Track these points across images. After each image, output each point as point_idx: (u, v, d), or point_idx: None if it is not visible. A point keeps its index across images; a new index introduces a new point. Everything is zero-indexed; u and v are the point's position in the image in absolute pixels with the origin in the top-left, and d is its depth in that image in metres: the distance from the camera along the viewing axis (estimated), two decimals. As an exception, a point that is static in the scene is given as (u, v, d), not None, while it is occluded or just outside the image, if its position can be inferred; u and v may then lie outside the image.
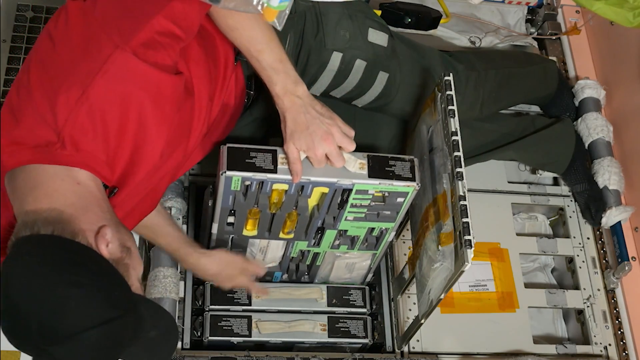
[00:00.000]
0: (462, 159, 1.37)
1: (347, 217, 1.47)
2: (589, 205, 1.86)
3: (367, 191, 1.40)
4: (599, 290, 1.82)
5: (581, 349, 1.75)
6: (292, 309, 1.63)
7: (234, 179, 1.34)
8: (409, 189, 1.41)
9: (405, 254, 1.75)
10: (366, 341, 1.63)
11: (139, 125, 1.17)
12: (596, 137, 1.93)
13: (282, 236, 1.53)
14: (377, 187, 1.39)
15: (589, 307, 1.79)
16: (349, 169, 1.37)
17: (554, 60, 2.12)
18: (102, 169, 1.15)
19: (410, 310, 1.68)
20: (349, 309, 1.66)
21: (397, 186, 1.40)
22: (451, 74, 1.44)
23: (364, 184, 1.38)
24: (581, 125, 1.95)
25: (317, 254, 1.61)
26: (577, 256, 1.86)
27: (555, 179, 1.98)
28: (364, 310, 1.67)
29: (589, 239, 1.89)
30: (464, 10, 2.16)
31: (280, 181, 1.35)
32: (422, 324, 1.50)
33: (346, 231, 1.53)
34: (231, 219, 1.47)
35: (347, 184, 1.37)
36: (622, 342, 1.77)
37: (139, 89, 1.15)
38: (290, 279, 1.69)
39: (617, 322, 1.79)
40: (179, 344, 1.56)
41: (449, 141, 1.40)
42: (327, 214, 1.46)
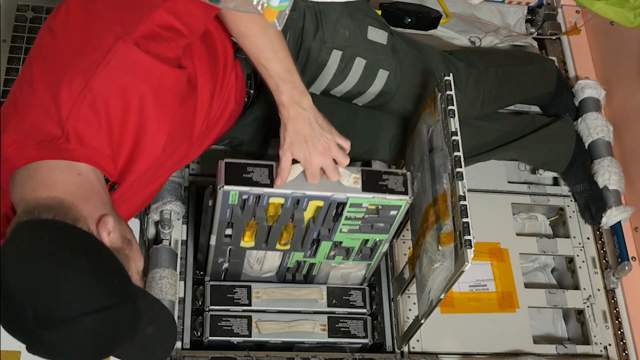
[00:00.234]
0: (462, 159, 1.37)
1: (341, 229, 1.51)
2: (589, 205, 1.86)
3: (361, 204, 1.44)
4: (599, 290, 1.82)
5: (581, 349, 1.75)
6: (292, 309, 1.63)
7: (232, 193, 1.37)
8: (402, 202, 1.44)
9: (405, 254, 1.75)
10: (366, 341, 1.63)
11: (141, 117, 1.17)
12: (596, 137, 1.93)
13: (278, 247, 1.56)
14: (370, 200, 1.43)
15: (589, 307, 1.79)
16: (344, 183, 1.40)
17: (554, 59, 2.12)
18: (107, 163, 1.15)
19: (410, 310, 1.68)
20: (349, 309, 1.66)
21: (390, 200, 1.43)
22: (451, 74, 1.44)
23: (357, 198, 1.42)
24: (581, 125, 1.95)
25: (313, 264, 1.64)
26: (577, 256, 1.86)
27: (555, 179, 1.98)
28: (364, 310, 1.67)
29: (589, 239, 1.89)
30: (464, 10, 2.16)
31: (276, 195, 1.39)
32: (422, 324, 1.50)
33: (341, 242, 1.56)
34: (229, 231, 1.49)
35: (341, 198, 1.41)
36: (622, 342, 1.77)
37: (141, 80, 1.15)
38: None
39: (617, 322, 1.79)
40: (179, 344, 1.56)
41: (449, 141, 1.40)
42: (322, 226, 1.50)
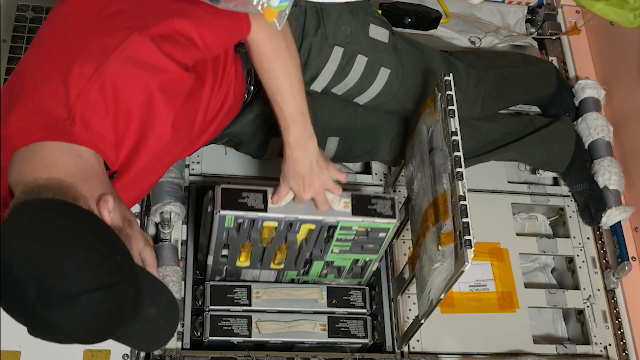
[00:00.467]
0: (462, 159, 1.37)
1: (333, 249, 1.58)
2: (589, 205, 1.86)
3: (351, 227, 1.51)
4: (599, 290, 1.82)
5: (581, 349, 1.75)
6: (292, 309, 1.63)
7: (228, 217, 1.44)
8: (390, 225, 1.52)
9: (405, 254, 1.75)
10: (366, 341, 1.63)
11: (148, 109, 1.17)
12: (596, 137, 1.93)
13: (273, 267, 1.63)
14: (360, 223, 1.51)
15: (589, 307, 1.79)
16: (334, 208, 1.48)
17: (553, 59, 2.12)
18: (109, 151, 1.15)
19: (410, 310, 1.68)
20: (349, 309, 1.66)
21: (379, 223, 1.51)
22: (451, 74, 1.45)
23: (348, 221, 1.49)
24: (581, 125, 1.95)
25: (305, 282, 1.69)
26: (577, 256, 1.86)
27: (555, 179, 1.98)
28: (364, 310, 1.67)
29: (589, 239, 1.89)
30: (464, 10, 2.16)
31: (270, 219, 1.46)
32: (422, 324, 1.50)
33: (333, 262, 1.63)
34: (225, 252, 1.56)
35: (332, 222, 1.49)
36: (622, 342, 1.77)
37: (151, 74, 1.15)
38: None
39: (617, 322, 1.79)
40: (179, 344, 1.56)
41: (449, 141, 1.40)
42: (314, 247, 1.57)
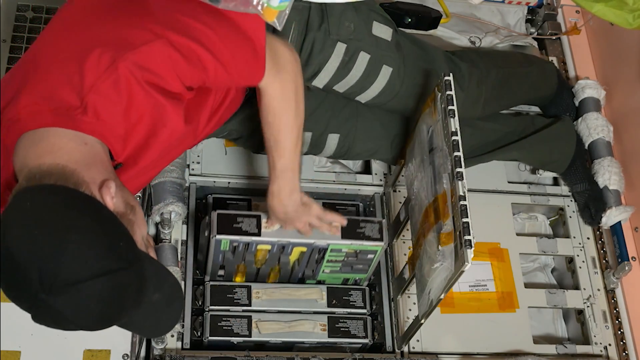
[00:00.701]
0: (462, 159, 1.37)
1: (324, 270, 1.66)
2: (589, 205, 1.86)
3: (341, 250, 1.59)
4: (599, 290, 1.82)
5: (581, 349, 1.75)
6: (292, 309, 1.64)
7: (223, 241, 1.53)
8: (378, 247, 1.60)
9: (405, 254, 1.75)
10: (366, 341, 1.63)
11: (161, 107, 1.18)
12: (596, 137, 1.93)
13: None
14: (349, 246, 1.58)
15: (589, 307, 1.79)
16: (324, 231, 1.55)
17: (553, 59, 2.12)
18: (117, 142, 1.15)
19: (410, 310, 1.68)
20: (349, 309, 1.66)
21: (367, 245, 1.59)
22: (451, 74, 1.45)
23: (337, 244, 1.58)
24: (581, 125, 1.95)
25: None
26: (577, 256, 1.86)
27: (555, 179, 1.97)
28: (364, 310, 1.67)
29: (589, 239, 1.89)
30: (464, 10, 2.16)
31: (263, 243, 1.55)
32: (422, 324, 1.50)
33: (324, 281, 1.69)
34: (222, 272, 1.63)
35: (322, 245, 1.57)
36: (622, 342, 1.77)
37: (167, 77, 1.15)
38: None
39: (617, 322, 1.79)
40: (179, 344, 1.56)
41: (449, 141, 1.40)
42: (306, 267, 1.65)
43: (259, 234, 1.52)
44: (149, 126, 1.18)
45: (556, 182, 1.97)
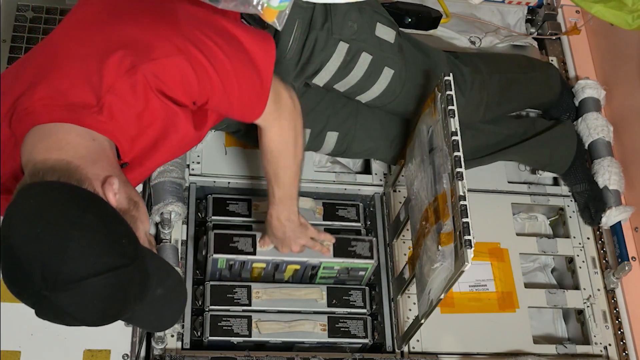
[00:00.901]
0: (462, 159, 1.37)
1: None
2: (589, 205, 1.86)
3: (333, 267, 1.66)
4: (599, 290, 1.82)
5: (581, 349, 1.75)
6: (292, 309, 1.64)
7: (220, 260, 1.60)
8: (368, 265, 1.67)
9: (405, 254, 1.75)
10: (366, 341, 1.63)
11: (174, 114, 1.19)
12: (596, 137, 1.93)
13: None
14: (341, 264, 1.66)
15: (589, 307, 1.79)
16: (317, 250, 1.62)
17: (553, 59, 2.12)
18: (127, 142, 1.16)
19: (410, 310, 1.68)
20: (349, 309, 1.66)
21: (358, 263, 1.66)
22: (451, 74, 1.45)
23: (329, 262, 1.64)
24: (581, 125, 1.95)
25: None
26: (577, 256, 1.86)
27: (555, 179, 1.97)
28: (364, 310, 1.67)
29: (589, 239, 1.89)
30: (464, 10, 2.16)
31: (258, 261, 1.62)
32: (422, 324, 1.50)
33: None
34: None
35: (315, 263, 1.64)
36: (622, 342, 1.77)
37: (178, 89, 1.17)
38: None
39: (617, 322, 1.79)
40: (179, 344, 1.56)
41: (449, 141, 1.40)
42: (300, 283, 1.69)
43: (254, 253, 1.60)
44: (159, 130, 1.20)
45: (556, 182, 1.97)
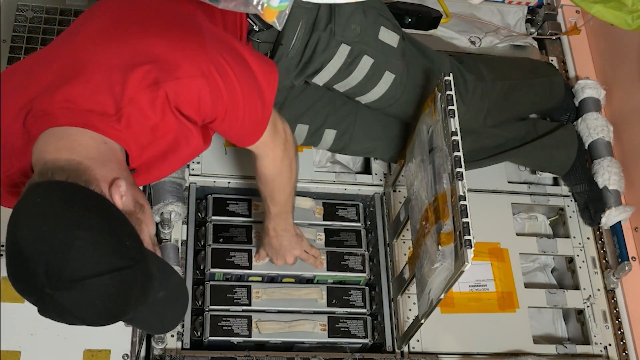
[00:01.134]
0: (462, 159, 1.37)
1: None
2: (588, 205, 1.86)
3: (326, 280, 1.71)
4: (599, 290, 1.82)
5: (581, 349, 1.75)
6: (292, 309, 1.64)
7: (217, 274, 1.64)
8: (360, 278, 1.72)
9: (405, 254, 1.75)
10: (366, 341, 1.63)
11: (187, 130, 1.21)
12: (596, 137, 1.93)
13: None
14: (334, 277, 1.70)
15: (589, 307, 1.79)
16: (310, 264, 1.67)
17: (553, 59, 2.12)
18: (138, 151, 1.18)
19: (410, 310, 1.68)
20: (349, 309, 1.66)
21: (351, 276, 1.71)
22: (451, 74, 1.45)
23: (323, 275, 1.70)
24: (581, 125, 1.95)
25: None
26: (577, 256, 1.86)
27: (555, 179, 1.97)
28: (364, 310, 1.67)
29: (589, 239, 1.89)
30: (464, 10, 2.16)
31: (254, 275, 1.67)
32: (422, 324, 1.50)
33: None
34: None
35: (309, 276, 1.69)
36: (622, 342, 1.77)
37: (192, 109, 1.19)
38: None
39: (617, 322, 1.79)
40: (179, 344, 1.56)
41: (449, 141, 1.40)
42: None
43: (250, 267, 1.65)
44: (170, 142, 1.22)
45: (556, 182, 1.97)
